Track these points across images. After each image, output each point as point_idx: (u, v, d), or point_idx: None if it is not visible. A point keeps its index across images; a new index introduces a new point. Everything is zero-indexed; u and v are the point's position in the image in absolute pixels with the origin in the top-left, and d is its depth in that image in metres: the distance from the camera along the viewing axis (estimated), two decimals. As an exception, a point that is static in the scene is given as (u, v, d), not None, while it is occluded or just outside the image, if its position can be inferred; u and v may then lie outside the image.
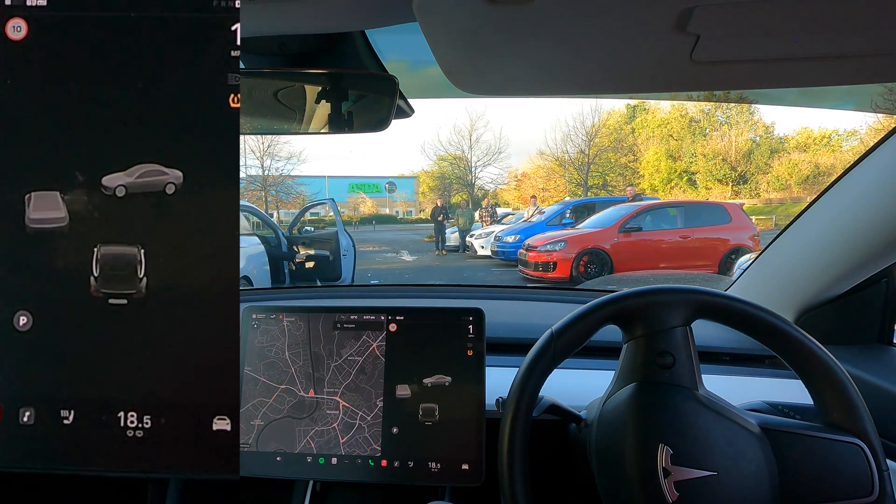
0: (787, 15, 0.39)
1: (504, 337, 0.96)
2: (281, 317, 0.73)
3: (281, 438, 0.69)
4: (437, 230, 12.22)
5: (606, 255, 6.91)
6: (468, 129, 25.33)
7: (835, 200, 0.79)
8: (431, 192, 27.07)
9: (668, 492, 0.50)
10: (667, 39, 0.43)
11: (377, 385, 0.70)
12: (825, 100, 0.91)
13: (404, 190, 31.14)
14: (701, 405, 0.53)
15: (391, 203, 30.79)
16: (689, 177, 21.68)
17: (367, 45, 0.66)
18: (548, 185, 23.82)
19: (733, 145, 20.36)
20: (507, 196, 27.74)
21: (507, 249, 8.97)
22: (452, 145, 25.60)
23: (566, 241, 7.13)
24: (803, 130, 20.52)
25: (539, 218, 10.28)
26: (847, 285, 0.81)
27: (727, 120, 20.96)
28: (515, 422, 0.54)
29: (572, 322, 0.57)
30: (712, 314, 0.54)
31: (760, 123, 20.69)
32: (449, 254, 11.72)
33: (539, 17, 0.40)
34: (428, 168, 28.75)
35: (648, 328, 0.56)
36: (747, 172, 20.39)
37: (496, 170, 28.20)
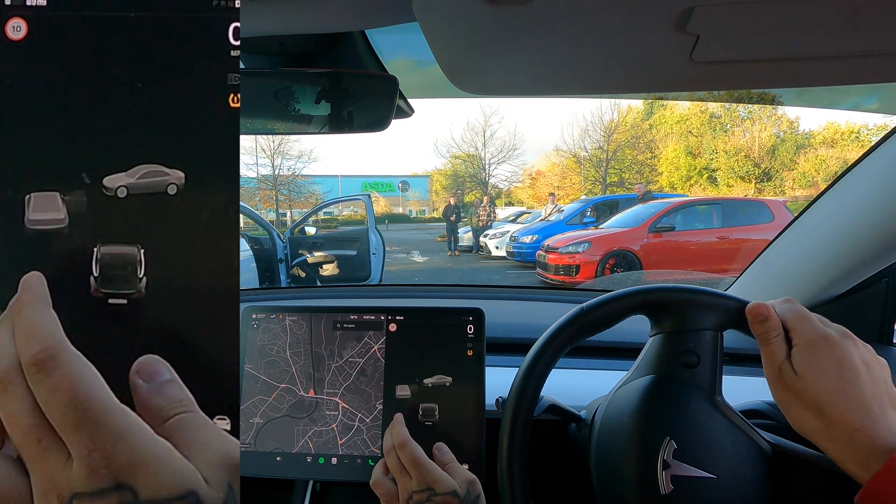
0: (787, 15, 0.39)
1: (504, 337, 0.96)
2: (281, 316, 0.73)
3: (279, 438, 0.69)
4: (450, 230, 11.76)
5: (635, 257, 6.29)
6: (482, 125, 25.05)
7: (835, 200, 0.79)
8: (444, 190, 26.91)
9: (663, 483, 0.49)
10: (666, 39, 0.43)
11: (377, 387, 0.70)
12: (848, 97, 0.89)
13: (417, 189, 31.05)
14: (716, 410, 0.52)
15: (404, 202, 30.70)
16: (709, 174, 21.07)
17: (367, 45, 0.66)
18: (563, 183, 23.37)
19: (757, 141, 19.66)
20: (522, 194, 27.37)
21: (524, 250, 8.48)
22: (466, 142, 25.41)
23: (590, 241, 6.53)
24: (830, 125, 19.72)
25: (558, 216, 9.65)
26: (847, 285, 0.81)
27: (749, 115, 20.19)
28: (516, 419, 0.54)
29: (606, 302, 0.56)
30: (744, 328, 0.52)
31: (784, 119, 19.96)
32: (462, 254, 11.31)
33: (539, 16, 0.40)
34: (441, 167, 28.62)
35: (679, 325, 0.55)
36: (771, 169, 19.61)
37: (511, 167, 27.81)
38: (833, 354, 0.45)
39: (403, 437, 0.60)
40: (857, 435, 0.43)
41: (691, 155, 21.40)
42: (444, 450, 0.63)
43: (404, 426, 0.62)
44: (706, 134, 21.29)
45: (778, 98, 2.82)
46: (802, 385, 0.45)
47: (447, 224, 11.88)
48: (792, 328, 0.48)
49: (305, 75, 0.66)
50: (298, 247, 4.92)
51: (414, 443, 0.60)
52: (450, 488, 0.55)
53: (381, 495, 0.60)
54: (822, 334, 0.47)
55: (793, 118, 19.97)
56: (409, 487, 0.57)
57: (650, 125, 22.45)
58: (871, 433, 0.42)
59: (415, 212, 30.50)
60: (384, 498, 0.59)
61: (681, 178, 21.42)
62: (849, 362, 0.45)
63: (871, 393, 0.44)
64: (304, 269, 4.83)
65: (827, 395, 0.44)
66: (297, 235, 5.30)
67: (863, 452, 0.42)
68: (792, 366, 0.46)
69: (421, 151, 48.81)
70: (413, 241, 14.67)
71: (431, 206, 30.19)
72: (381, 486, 0.60)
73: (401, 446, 0.60)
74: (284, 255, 4.69)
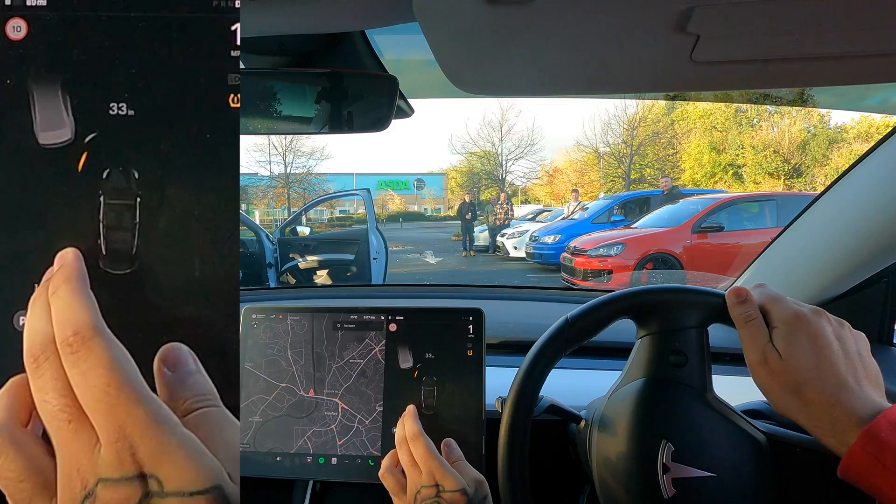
0: (787, 15, 0.39)
1: (504, 337, 0.96)
2: (281, 316, 0.73)
3: (278, 437, 0.69)
4: (465, 229, 11.02)
5: (676, 261, 5.51)
6: (499, 120, 24.59)
7: (835, 201, 0.79)
8: (460, 188, 26.64)
9: (664, 487, 0.49)
10: (666, 40, 0.43)
11: (377, 389, 0.70)
12: (876, 92, 0.87)
13: (433, 187, 30.96)
14: (708, 407, 0.53)
15: (419, 200, 30.59)
16: (734, 170, 20.05)
17: (367, 45, 0.66)
18: (581, 180, 22.72)
19: (786, 136, 18.76)
20: (539, 192, 26.92)
21: (546, 251, 7.73)
22: (482, 138, 24.96)
23: (625, 243, 5.73)
24: (864, 119, 18.69)
25: (582, 215, 8.68)
26: (847, 285, 0.81)
27: (777, 110, 19.16)
28: (515, 419, 0.54)
29: (590, 310, 0.56)
30: (728, 319, 0.53)
31: (815, 113, 18.89)
32: (478, 255, 10.60)
33: (539, 16, 0.40)
34: (456, 164, 28.30)
35: (663, 325, 0.55)
36: (802, 165, 18.58)
37: (528, 163, 26.72)
38: (807, 331, 0.46)
39: (416, 431, 0.60)
40: (834, 410, 0.43)
41: (715, 150, 20.52)
42: (454, 446, 0.62)
43: (417, 419, 0.62)
44: (731, 129, 20.49)
45: (809, 95, 2.65)
46: (784, 366, 0.46)
47: (462, 223, 11.20)
48: (768, 311, 0.49)
49: (305, 75, 0.66)
50: (289, 250, 4.42)
51: (426, 437, 0.59)
52: (459, 486, 0.55)
53: (390, 487, 0.59)
54: (796, 313, 0.47)
55: (823, 112, 18.97)
56: (417, 482, 0.56)
57: (672, 120, 21.63)
58: (848, 406, 0.43)
59: (430, 210, 30.35)
60: (392, 490, 0.59)
61: (705, 175, 20.71)
62: (823, 338, 0.46)
63: (845, 367, 0.45)
64: (294, 275, 4.37)
65: (804, 372, 0.45)
66: (287, 237, 4.78)
67: (840, 426, 0.42)
68: (776, 348, 0.47)
69: (436, 149, 48.55)
70: (427, 240, 14.22)
71: (447, 204, 30.05)
72: (390, 478, 0.59)
73: (413, 439, 0.59)
74: (274, 260, 4.25)
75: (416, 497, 0.56)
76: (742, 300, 0.50)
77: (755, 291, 0.51)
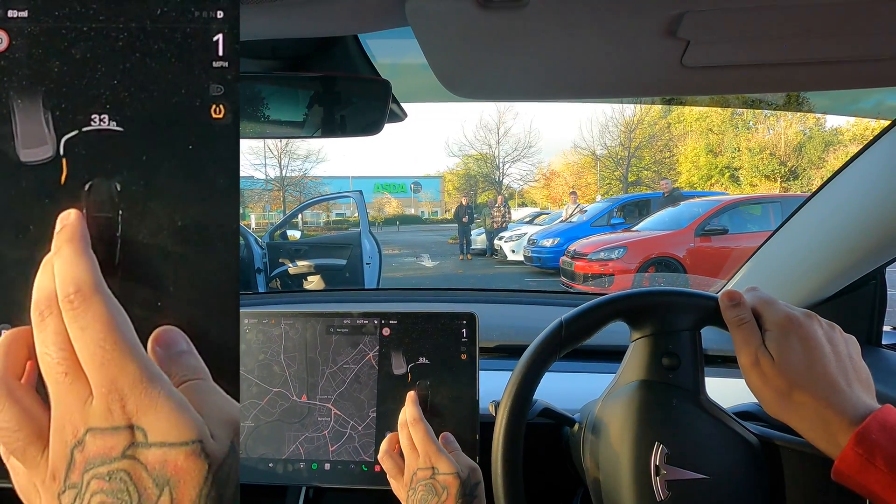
0: (777, 20, 0.40)
1: (499, 341, 0.96)
2: (274, 321, 0.73)
3: (270, 443, 0.69)
4: (462, 232, 10.89)
5: (679, 265, 5.40)
6: (496, 122, 24.36)
7: (824, 204, 0.80)
8: (457, 191, 26.44)
9: (658, 490, 0.50)
10: (657, 45, 0.43)
11: (371, 395, 0.69)
12: (871, 95, 0.88)
13: (429, 190, 30.88)
14: (701, 409, 0.53)
15: (416, 203, 30.51)
16: (731, 173, 20.01)
17: (359, 49, 0.66)
18: (578, 183, 22.66)
19: (782, 138, 18.73)
20: (536, 195, 26.82)
21: (544, 255, 7.58)
22: (479, 140, 24.70)
23: (626, 246, 5.59)
24: (858, 122, 17.93)
25: (580, 217, 8.54)
26: (836, 287, 0.82)
27: (773, 112, 18.79)
28: (509, 423, 0.54)
29: (584, 313, 0.56)
30: (721, 322, 0.53)
31: (810, 115, 18.52)
32: (475, 258, 10.48)
33: (531, 21, 0.40)
34: (453, 167, 28.16)
35: (657, 328, 0.56)
36: (798, 167, 18.54)
37: (525, 166, 26.37)
38: (799, 335, 0.46)
39: (416, 415, 0.64)
40: (825, 412, 0.43)
41: (712, 153, 20.45)
42: (451, 439, 0.65)
43: (418, 405, 0.66)
44: (728, 132, 20.50)
45: (804, 99, 2.61)
46: (776, 369, 0.46)
47: (459, 226, 11.06)
48: (760, 314, 0.49)
49: (298, 79, 0.66)
50: (279, 254, 4.30)
51: (426, 422, 0.63)
52: (453, 470, 0.58)
53: (388, 469, 0.63)
54: (788, 316, 0.48)
55: (819, 114, 18.59)
56: (414, 465, 0.60)
57: (669, 123, 21.52)
58: (839, 409, 0.43)
59: (427, 213, 30.28)
60: (390, 472, 0.63)
61: (701, 178, 20.64)
62: (814, 341, 0.46)
63: (836, 369, 0.45)
64: (284, 281, 4.23)
65: (796, 375, 0.45)
66: (277, 241, 4.62)
67: (831, 428, 0.43)
68: (768, 351, 0.47)
69: (433, 151, 48.30)
70: (424, 243, 14.06)
71: (444, 207, 29.90)
72: (388, 460, 0.63)
73: (413, 423, 0.63)
74: (263, 265, 4.12)
75: (413, 478, 0.59)
76: (735, 303, 0.50)
77: (748, 294, 0.51)
